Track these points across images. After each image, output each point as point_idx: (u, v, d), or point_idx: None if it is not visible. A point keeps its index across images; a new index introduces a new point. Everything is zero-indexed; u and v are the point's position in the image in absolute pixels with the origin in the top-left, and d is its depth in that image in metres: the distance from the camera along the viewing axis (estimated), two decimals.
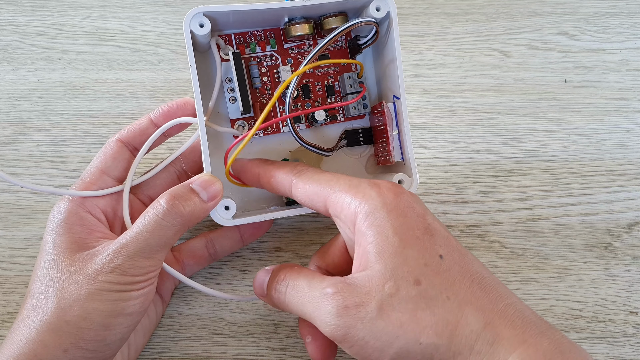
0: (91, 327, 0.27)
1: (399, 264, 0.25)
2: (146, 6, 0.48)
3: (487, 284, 0.26)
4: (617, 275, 0.36)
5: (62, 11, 0.48)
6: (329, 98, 0.36)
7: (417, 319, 0.24)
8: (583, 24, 0.46)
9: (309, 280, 0.27)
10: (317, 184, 0.29)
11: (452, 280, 0.25)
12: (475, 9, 0.47)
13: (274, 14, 0.33)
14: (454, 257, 0.26)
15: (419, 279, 0.25)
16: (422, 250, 0.26)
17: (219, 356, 0.34)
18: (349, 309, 0.25)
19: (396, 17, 0.32)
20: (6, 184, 0.40)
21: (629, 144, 0.41)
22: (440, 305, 0.25)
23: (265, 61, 0.36)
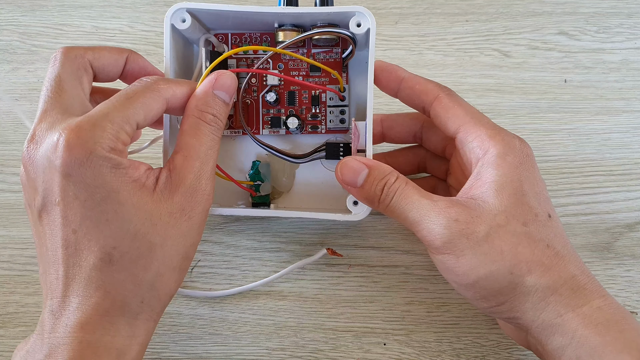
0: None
1: (514, 205, 0.28)
2: (146, 6, 0.48)
3: (574, 252, 0.29)
4: (617, 275, 0.36)
5: (62, 11, 0.48)
6: (313, 108, 0.36)
7: (516, 252, 0.27)
8: (583, 24, 0.46)
9: (419, 191, 0.29)
10: (462, 110, 0.31)
11: (555, 234, 0.28)
12: (475, 9, 0.47)
13: (261, 18, 0.33)
14: (559, 221, 0.29)
15: (527, 222, 0.28)
16: (537, 203, 0.28)
17: (219, 356, 0.34)
18: (459, 223, 0.27)
19: (374, 35, 0.32)
20: (6, 183, 0.40)
21: (629, 144, 0.41)
22: (540, 248, 0.27)
23: (256, 63, 0.36)
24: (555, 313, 0.27)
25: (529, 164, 0.29)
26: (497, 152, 0.29)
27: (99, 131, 0.26)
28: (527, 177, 0.29)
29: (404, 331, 0.35)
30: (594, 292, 0.27)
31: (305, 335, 0.35)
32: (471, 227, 0.27)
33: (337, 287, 0.36)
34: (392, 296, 0.36)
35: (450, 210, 0.28)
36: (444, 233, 0.27)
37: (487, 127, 0.30)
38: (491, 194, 0.28)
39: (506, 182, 0.28)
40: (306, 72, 0.36)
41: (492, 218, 0.27)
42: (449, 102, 0.31)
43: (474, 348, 0.34)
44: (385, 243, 0.37)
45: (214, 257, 0.37)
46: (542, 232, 0.28)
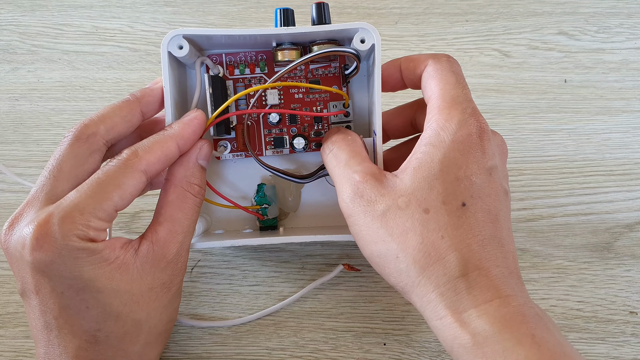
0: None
1: (423, 189, 0.27)
2: (146, 6, 0.48)
3: (491, 246, 0.26)
4: (617, 275, 0.36)
5: (62, 11, 0.48)
6: (316, 125, 0.35)
7: (406, 238, 0.26)
8: (583, 24, 0.46)
9: (350, 157, 0.29)
10: (435, 80, 0.29)
11: (457, 226, 0.26)
12: (475, 9, 0.47)
13: (259, 38, 0.32)
14: (477, 212, 0.27)
15: (429, 209, 0.26)
16: (451, 190, 0.27)
17: (219, 356, 0.34)
18: (362, 199, 0.27)
19: (379, 51, 0.31)
20: (6, 183, 0.40)
21: (629, 144, 0.41)
22: (432, 238, 0.26)
23: (254, 83, 0.35)
24: (435, 315, 0.26)
25: (463, 146, 0.27)
26: (434, 129, 0.28)
27: (68, 224, 0.25)
28: (452, 159, 0.27)
29: (404, 331, 0.35)
30: (479, 297, 0.25)
31: (305, 335, 0.35)
32: (371, 205, 0.27)
33: (337, 287, 0.36)
34: (392, 296, 0.36)
35: (360, 185, 0.28)
36: (348, 205, 0.28)
37: (445, 98, 0.28)
38: (409, 173, 0.27)
39: (425, 163, 0.27)
40: (306, 89, 0.35)
41: (395, 199, 0.27)
42: (431, 71, 0.30)
43: None
44: None
45: (214, 257, 0.37)
46: (443, 221, 0.26)
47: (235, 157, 0.35)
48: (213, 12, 0.48)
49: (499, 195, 0.27)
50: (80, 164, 0.28)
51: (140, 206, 0.39)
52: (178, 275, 0.29)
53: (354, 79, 0.35)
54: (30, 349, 0.34)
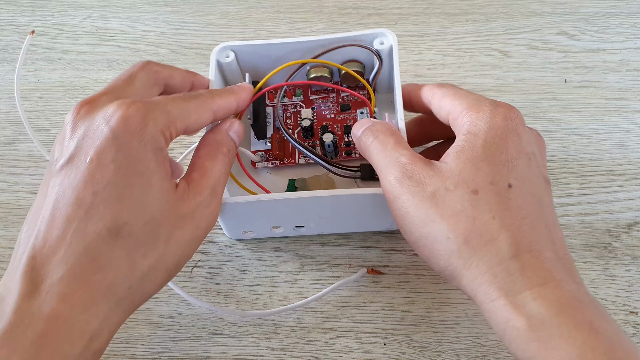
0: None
1: (469, 170, 0.27)
2: (146, 6, 0.48)
3: (540, 229, 0.26)
4: (617, 275, 0.36)
5: (62, 11, 0.48)
6: (346, 136, 0.38)
7: (457, 218, 0.26)
8: (583, 24, 0.46)
9: (396, 143, 0.30)
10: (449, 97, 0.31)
11: (506, 207, 0.26)
12: (475, 9, 0.47)
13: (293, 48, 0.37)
14: (523, 194, 0.27)
15: (477, 190, 0.27)
16: (496, 171, 0.27)
17: (219, 356, 0.34)
18: (411, 180, 0.28)
19: (397, 49, 0.36)
20: (6, 183, 0.40)
21: (629, 144, 0.41)
22: (484, 219, 0.26)
23: (292, 108, 0.40)
24: (487, 297, 0.25)
25: (501, 132, 0.28)
26: (469, 120, 0.29)
27: (157, 114, 0.27)
28: (493, 144, 0.28)
29: (404, 331, 0.35)
30: (533, 279, 0.25)
31: (305, 335, 0.35)
32: (420, 186, 0.27)
33: (337, 287, 0.36)
34: (392, 296, 0.36)
35: (409, 166, 0.28)
36: (396, 186, 0.28)
37: (466, 99, 0.30)
38: (452, 157, 0.28)
39: (467, 148, 0.28)
40: (337, 110, 0.39)
41: (443, 180, 0.27)
42: (441, 94, 0.31)
43: (474, 348, 0.34)
44: (385, 243, 0.37)
45: (214, 257, 0.37)
46: (493, 201, 0.26)
47: (270, 165, 0.38)
48: (213, 12, 0.48)
49: (540, 182, 0.28)
50: (149, 85, 0.30)
51: None
52: (207, 220, 0.29)
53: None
54: None
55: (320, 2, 0.48)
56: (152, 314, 0.35)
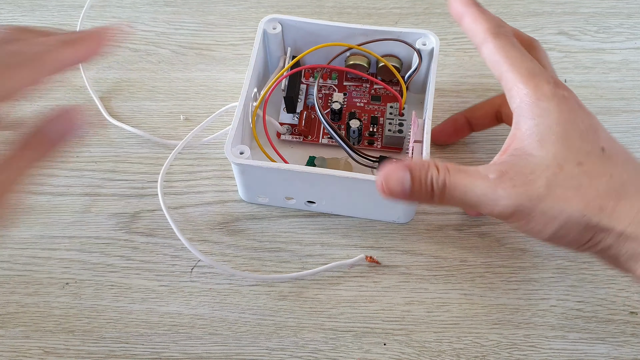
0: None
1: (562, 149, 0.27)
2: (146, 6, 0.48)
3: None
4: (617, 275, 0.36)
5: (62, 11, 0.48)
6: (371, 126, 0.39)
7: (581, 194, 0.26)
8: (583, 24, 0.46)
9: (466, 173, 0.28)
10: (503, 56, 0.30)
11: (615, 164, 0.27)
12: None
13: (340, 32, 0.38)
14: (618, 151, 0.27)
15: (581, 162, 0.27)
16: (585, 141, 0.27)
17: (219, 356, 0.34)
18: (517, 187, 0.26)
19: (437, 52, 0.38)
20: None
21: (629, 144, 0.41)
22: (604, 182, 0.26)
23: (325, 90, 0.41)
24: (636, 242, 0.26)
25: (566, 105, 0.28)
26: (529, 100, 0.28)
27: None
28: (566, 119, 0.27)
29: (404, 331, 0.35)
30: None
31: (305, 335, 0.35)
32: (530, 188, 0.26)
33: (337, 287, 0.36)
34: (392, 296, 0.36)
35: (504, 182, 0.27)
36: (508, 205, 0.27)
37: (521, 72, 0.29)
38: (535, 145, 0.27)
39: (545, 129, 0.27)
40: (367, 100, 0.41)
41: (546, 169, 0.26)
42: (493, 49, 0.30)
43: (474, 348, 0.34)
44: (385, 243, 0.37)
45: (214, 257, 0.37)
46: (600, 164, 0.27)
47: (294, 139, 0.40)
48: (213, 12, 0.48)
49: (615, 141, 0.28)
50: None
51: (140, 206, 0.39)
52: None
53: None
54: (31, 349, 0.34)
55: (320, 2, 0.48)
56: (152, 314, 0.35)
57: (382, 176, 0.28)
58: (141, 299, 0.36)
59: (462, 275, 0.36)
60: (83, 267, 0.37)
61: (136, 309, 0.36)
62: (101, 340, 0.35)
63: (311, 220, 0.38)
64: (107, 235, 0.38)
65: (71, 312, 0.35)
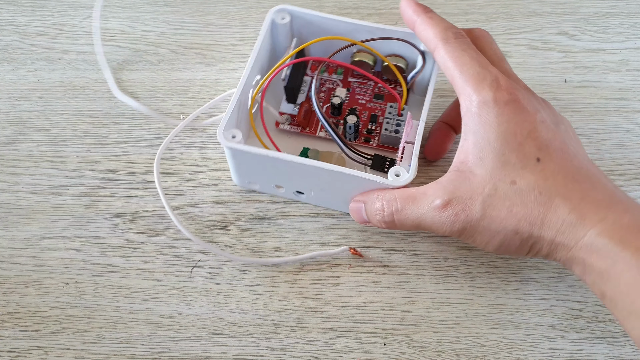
0: None
1: (498, 168, 0.29)
2: (146, 6, 0.48)
3: (582, 175, 0.29)
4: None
5: (62, 11, 0.48)
6: (370, 124, 0.40)
7: (513, 214, 0.29)
8: (583, 24, 0.46)
9: (413, 201, 0.31)
10: (452, 62, 0.31)
11: (545, 177, 0.29)
12: (475, 9, 0.47)
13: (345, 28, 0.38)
14: (553, 157, 0.29)
15: (514, 180, 0.29)
16: (521, 154, 0.29)
17: (219, 356, 0.34)
18: (459, 215, 0.30)
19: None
20: (6, 183, 0.40)
21: (629, 144, 0.41)
22: (533, 199, 0.28)
23: (329, 84, 0.41)
24: (565, 250, 0.28)
25: (505, 113, 0.29)
26: (473, 110, 0.30)
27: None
28: (505, 131, 0.29)
29: (404, 331, 0.35)
30: (593, 218, 0.27)
31: (305, 335, 0.35)
32: (469, 213, 0.29)
33: (337, 287, 0.36)
34: (392, 296, 0.36)
35: (447, 210, 0.30)
36: (454, 229, 0.30)
37: (467, 77, 0.30)
38: (476, 162, 0.30)
39: (485, 144, 0.29)
40: (370, 98, 0.41)
41: (482, 191, 0.29)
42: (443, 54, 0.32)
43: (474, 348, 0.34)
44: (385, 243, 0.37)
45: (214, 257, 0.37)
46: (532, 180, 0.29)
47: (292, 129, 0.40)
48: (213, 12, 0.48)
49: (561, 134, 0.30)
50: None
51: (140, 206, 0.39)
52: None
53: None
54: (31, 349, 0.34)
55: (320, 2, 0.48)
56: (152, 314, 0.35)
57: (350, 206, 0.35)
58: (141, 299, 0.36)
59: (462, 275, 0.36)
60: (83, 267, 0.37)
61: (136, 309, 0.36)
62: (101, 340, 0.35)
63: (311, 220, 0.38)
64: (107, 235, 0.38)
65: (71, 312, 0.35)
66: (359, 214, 0.35)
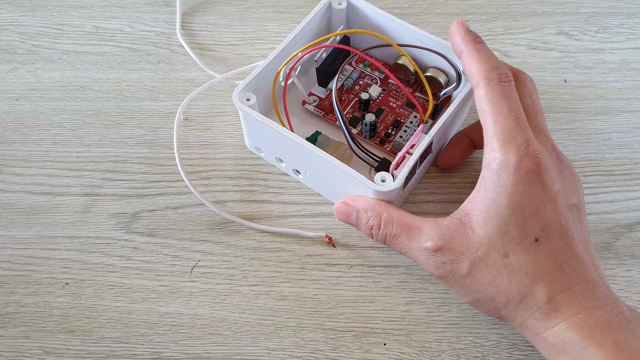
0: None
1: (497, 236, 0.29)
2: (146, 6, 0.48)
3: (572, 266, 0.29)
4: (617, 275, 0.36)
5: (62, 11, 0.48)
6: (391, 128, 0.39)
7: (496, 284, 0.29)
8: (583, 24, 0.46)
9: (407, 232, 0.32)
10: (489, 107, 0.30)
11: (535, 260, 0.29)
12: (475, 9, 0.47)
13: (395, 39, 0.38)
14: (550, 241, 0.29)
15: (507, 253, 0.29)
16: (522, 230, 0.29)
17: (219, 356, 0.34)
18: (446, 264, 0.30)
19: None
20: (6, 183, 0.40)
21: (629, 144, 0.41)
22: (518, 278, 0.29)
23: (367, 79, 0.41)
24: (533, 333, 0.29)
25: (522, 183, 0.29)
26: (494, 167, 0.29)
27: None
28: (516, 202, 0.29)
29: (404, 331, 0.35)
30: (566, 312, 0.28)
31: (305, 335, 0.35)
32: (456, 267, 0.30)
33: (337, 287, 0.36)
34: (392, 296, 0.36)
35: (437, 255, 0.30)
36: (436, 274, 0.31)
37: (498, 131, 0.30)
38: (480, 222, 0.30)
39: (494, 208, 0.29)
40: (402, 104, 0.40)
41: (475, 251, 0.29)
42: (482, 96, 0.30)
43: (474, 348, 0.34)
44: None
45: (214, 257, 0.37)
46: (522, 260, 0.29)
47: (316, 111, 0.40)
48: (213, 12, 0.48)
49: (567, 216, 0.30)
50: None
51: (140, 206, 0.39)
52: None
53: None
54: (31, 349, 0.34)
55: None
56: (152, 314, 0.35)
57: (335, 208, 0.35)
58: (141, 299, 0.36)
59: None
60: (83, 267, 0.37)
61: (136, 309, 0.36)
62: (101, 340, 0.35)
63: (311, 220, 0.38)
64: (107, 235, 0.38)
65: (71, 312, 0.35)
66: (347, 217, 0.35)
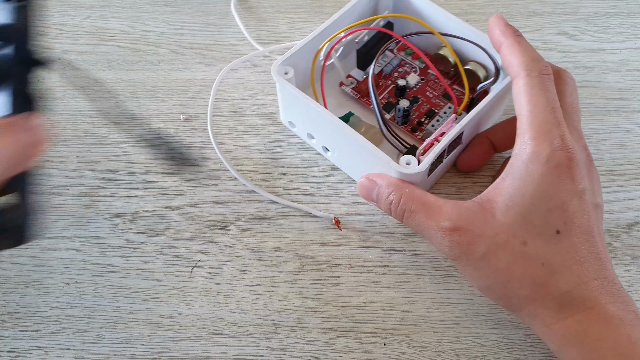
0: None
1: (518, 224, 0.29)
2: (146, 6, 0.48)
3: (589, 262, 0.29)
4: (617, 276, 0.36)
5: (62, 11, 0.48)
6: (425, 118, 0.39)
7: (510, 271, 0.29)
8: (583, 24, 0.46)
9: (426, 210, 0.31)
10: (527, 98, 0.30)
11: (555, 252, 0.29)
12: (475, 9, 0.47)
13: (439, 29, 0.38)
14: (572, 235, 0.29)
15: (526, 242, 0.29)
16: (545, 221, 0.29)
17: (219, 356, 0.34)
18: (461, 245, 0.30)
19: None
20: None
21: (629, 144, 0.41)
22: (534, 267, 0.29)
23: (407, 68, 0.41)
24: (543, 323, 0.29)
25: (552, 176, 0.29)
26: (523, 160, 0.29)
27: None
28: (542, 193, 0.29)
29: (404, 331, 0.35)
30: (580, 306, 0.28)
31: (305, 335, 0.35)
32: (471, 247, 0.29)
33: (337, 287, 0.36)
34: (392, 296, 0.36)
35: (453, 235, 0.30)
36: (449, 254, 0.30)
37: (534, 123, 0.29)
38: (502, 209, 0.29)
39: (518, 198, 0.29)
40: (438, 94, 0.40)
41: (493, 237, 0.29)
42: (521, 86, 0.30)
43: (474, 348, 0.34)
44: (385, 243, 0.37)
45: (214, 257, 0.37)
46: (541, 250, 0.29)
47: (353, 93, 0.41)
48: (213, 12, 0.48)
49: (591, 214, 0.29)
50: None
51: (140, 206, 0.39)
52: None
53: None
54: (31, 349, 0.34)
55: (320, 2, 0.48)
56: (152, 314, 0.35)
57: (362, 177, 0.34)
58: (141, 299, 0.36)
59: (462, 275, 0.36)
60: (83, 267, 0.37)
61: (136, 309, 0.36)
62: (101, 340, 0.35)
63: (311, 220, 0.38)
64: (107, 235, 0.38)
65: (71, 312, 0.35)
66: (368, 192, 0.34)
